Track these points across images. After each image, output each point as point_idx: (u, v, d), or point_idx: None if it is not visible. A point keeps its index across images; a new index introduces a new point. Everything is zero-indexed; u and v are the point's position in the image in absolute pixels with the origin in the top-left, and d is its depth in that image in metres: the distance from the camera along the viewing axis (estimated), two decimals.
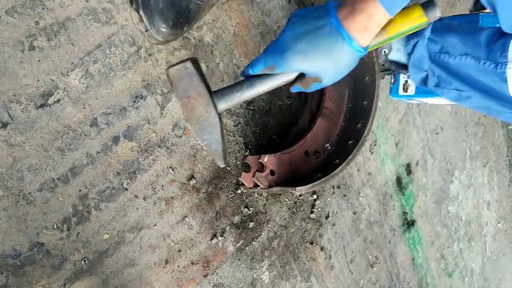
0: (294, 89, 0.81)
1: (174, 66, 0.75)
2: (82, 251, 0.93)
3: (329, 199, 1.48)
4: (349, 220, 1.57)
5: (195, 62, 0.77)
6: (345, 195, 1.54)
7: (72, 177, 0.91)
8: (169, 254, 1.08)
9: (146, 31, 0.90)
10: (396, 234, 1.78)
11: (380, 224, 1.69)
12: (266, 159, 1.16)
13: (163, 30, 0.89)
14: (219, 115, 0.79)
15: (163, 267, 1.07)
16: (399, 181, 1.76)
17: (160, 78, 1.02)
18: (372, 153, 1.61)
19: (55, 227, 0.89)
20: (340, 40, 0.73)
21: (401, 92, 1.56)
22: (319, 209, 1.45)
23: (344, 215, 1.54)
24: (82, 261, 0.94)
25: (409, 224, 1.84)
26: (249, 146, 1.23)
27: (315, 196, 1.43)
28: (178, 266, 1.10)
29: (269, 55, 0.78)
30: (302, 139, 1.24)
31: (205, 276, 1.16)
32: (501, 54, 0.98)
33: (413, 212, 1.86)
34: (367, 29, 0.73)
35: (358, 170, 1.57)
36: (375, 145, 1.62)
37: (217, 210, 1.18)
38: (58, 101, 0.88)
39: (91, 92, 0.92)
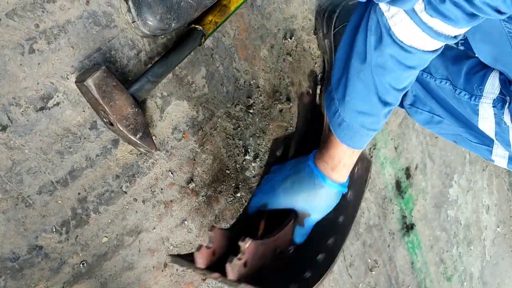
0: (296, 236, 0.96)
1: (91, 76, 0.82)
2: (80, 254, 0.93)
3: None
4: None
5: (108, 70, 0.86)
6: None
7: (72, 180, 0.91)
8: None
9: (132, 22, 0.91)
10: (395, 238, 1.78)
11: (379, 228, 1.69)
12: (247, 245, 0.82)
13: (150, 23, 0.90)
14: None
15: (162, 271, 1.07)
16: (398, 184, 1.76)
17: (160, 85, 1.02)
18: (371, 156, 1.61)
19: (54, 230, 0.89)
20: (316, 179, 0.89)
21: None
22: None
23: None
24: (81, 264, 0.94)
25: (408, 228, 1.84)
26: (248, 150, 1.23)
27: None
28: (177, 269, 1.10)
29: (260, 196, 0.96)
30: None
31: (204, 279, 1.16)
32: (477, 87, 0.99)
33: (412, 216, 1.86)
34: (335, 169, 0.89)
35: None
36: (374, 148, 1.62)
37: (216, 214, 1.18)
38: (58, 104, 0.88)
39: None
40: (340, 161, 0.89)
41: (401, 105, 1.27)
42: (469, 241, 2.30)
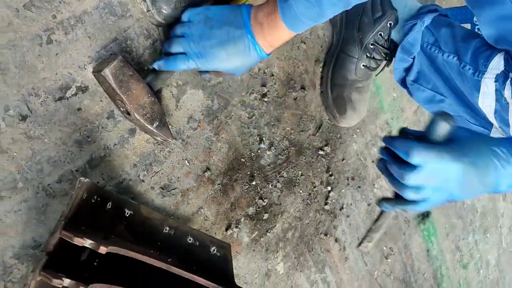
0: (206, 75, 1.01)
1: (108, 66, 0.84)
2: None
3: (343, 190, 1.48)
4: (364, 212, 1.57)
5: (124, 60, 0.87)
6: (359, 187, 1.53)
7: (90, 169, 0.92)
8: None
9: (147, 11, 0.93)
10: (410, 226, 1.78)
11: (394, 216, 1.69)
12: None
13: (164, 11, 0.92)
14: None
15: None
16: None
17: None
18: None
19: None
20: (252, 51, 0.90)
21: None
22: (333, 201, 1.45)
23: (358, 206, 1.54)
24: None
25: (424, 215, 1.83)
26: (263, 138, 1.23)
27: (329, 188, 1.43)
28: None
29: (192, 58, 0.91)
30: None
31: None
32: (483, 63, 1.00)
33: None
34: (272, 46, 0.91)
35: (373, 161, 1.57)
36: None
37: (232, 202, 1.19)
38: (76, 94, 0.89)
39: None
40: (279, 40, 0.90)
41: (404, 83, 1.27)
42: (485, 228, 2.28)
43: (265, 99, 1.22)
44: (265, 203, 1.25)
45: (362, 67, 1.30)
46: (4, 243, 0.83)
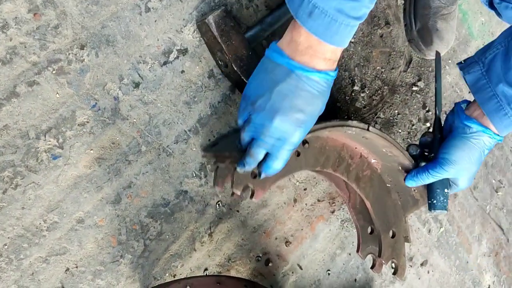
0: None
1: (212, 14, 0.86)
2: (219, 196, 0.99)
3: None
4: None
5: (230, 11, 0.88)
6: None
7: (201, 127, 0.96)
8: (296, 193, 1.11)
9: None
10: None
11: (499, 146, 1.60)
12: None
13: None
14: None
15: (293, 206, 1.11)
16: None
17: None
18: None
19: (194, 175, 0.96)
20: (297, 72, 0.71)
21: None
22: None
23: None
24: (222, 205, 1.00)
25: None
26: (355, 80, 1.21)
27: (428, 124, 1.38)
28: (306, 204, 1.13)
29: (280, 150, 0.76)
30: None
31: (332, 212, 1.18)
32: None
33: None
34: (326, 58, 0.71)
35: (469, 92, 1.49)
36: None
37: None
38: (178, 57, 0.93)
39: (204, 45, 0.95)
40: (323, 55, 0.71)
41: (491, 5, 1.18)
42: None
43: (352, 41, 1.19)
44: None
45: None
46: (138, 203, 0.90)
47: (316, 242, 1.15)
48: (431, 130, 1.05)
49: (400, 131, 1.32)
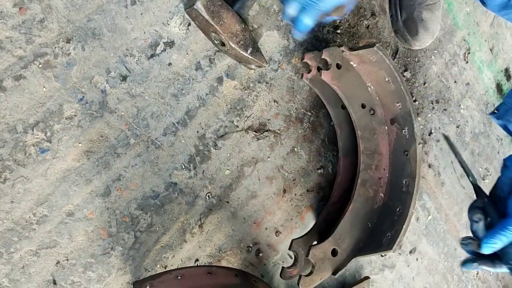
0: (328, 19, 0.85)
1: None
2: (209, 187, 1.00)
3: (429, 115, 1.44)
4: (453, 134, 1.52)
5: None
6: (445, 109, 1.49)
7: (189, 119, 0.97)
8: (285, 183, 1.13)
9: None
10: (504, 144, 1.70)
11: (486, 135, 1.62)
12: None
13: None
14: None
15: (282, 196, 1.12)
16: (499, 88, 1.67)
17: (249, 15, 1.04)
18: (467, 62, 1.54)
19: (183, 167, 0.96)
20: None
21: None
22: (421, 126, 1.42)
23: (447, 129, 1.50)
24: (212, 197, 1.01)
25: None
26: None
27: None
28: (295, 194, 1.15)
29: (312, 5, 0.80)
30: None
31: (321, 202, 1.19)
32: None
33: None
34: None
35: (455, 82, 1.51)
36: (469, 53, 1.54)
37: (321, 138, 1.20)
38: (164, 50, 0.93)
39: (191, 37, 0.96)
40: None
41: None
42: None
43: (338, 31, 1.20)
44: None
45: None
46: (128, 196, 0.90)
47: (306, 231, 1.16)
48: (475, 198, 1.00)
49: None
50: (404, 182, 1.05)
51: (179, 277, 0.86)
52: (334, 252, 1.03)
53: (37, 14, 0.79)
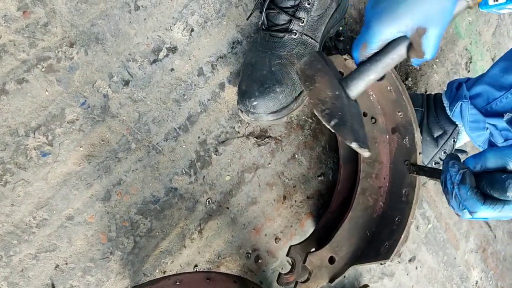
0: (414, 62, 0.71)
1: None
2: (209, 193, 1.00)
3: None
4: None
5: (321, 53, 0.75)
6: None
7: (191, 125, 0.97)
8: (286, 190, 1.13)
9: None
10: None
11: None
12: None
13: None
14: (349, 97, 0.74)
15: (282, 203, 1.12)
16: None
17: (252, 22, 1.04)
18: (468, 71, 1.54)
19: (184, 172, 0.97)
20: None
21: (491, 2, 1.47)
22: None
23: None
24: (212, 202, 1.01)
25: None
26: None
27: None
28: (295, 201, 1.14)
29: (359, 36, 0.71)
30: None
31: (321, 209, 1.19)
32: None
33: None
34: None
35: None
36: (470, 62, 1.55)
37: (322, 145, 1.20)
38: (167, 55, 0.93)
39: (193, 43, 0.96)
40: None
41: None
42: None
43: (341, 38, 1.21)
44: None
45: None
46: (128, 200, 0.90)
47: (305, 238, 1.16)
48: None
49: None
50: (404, 191, 1.05)
51: (178, 283, 0.86)
52: (331, 260, 1.03)
53: (41, 18, 0.79)
